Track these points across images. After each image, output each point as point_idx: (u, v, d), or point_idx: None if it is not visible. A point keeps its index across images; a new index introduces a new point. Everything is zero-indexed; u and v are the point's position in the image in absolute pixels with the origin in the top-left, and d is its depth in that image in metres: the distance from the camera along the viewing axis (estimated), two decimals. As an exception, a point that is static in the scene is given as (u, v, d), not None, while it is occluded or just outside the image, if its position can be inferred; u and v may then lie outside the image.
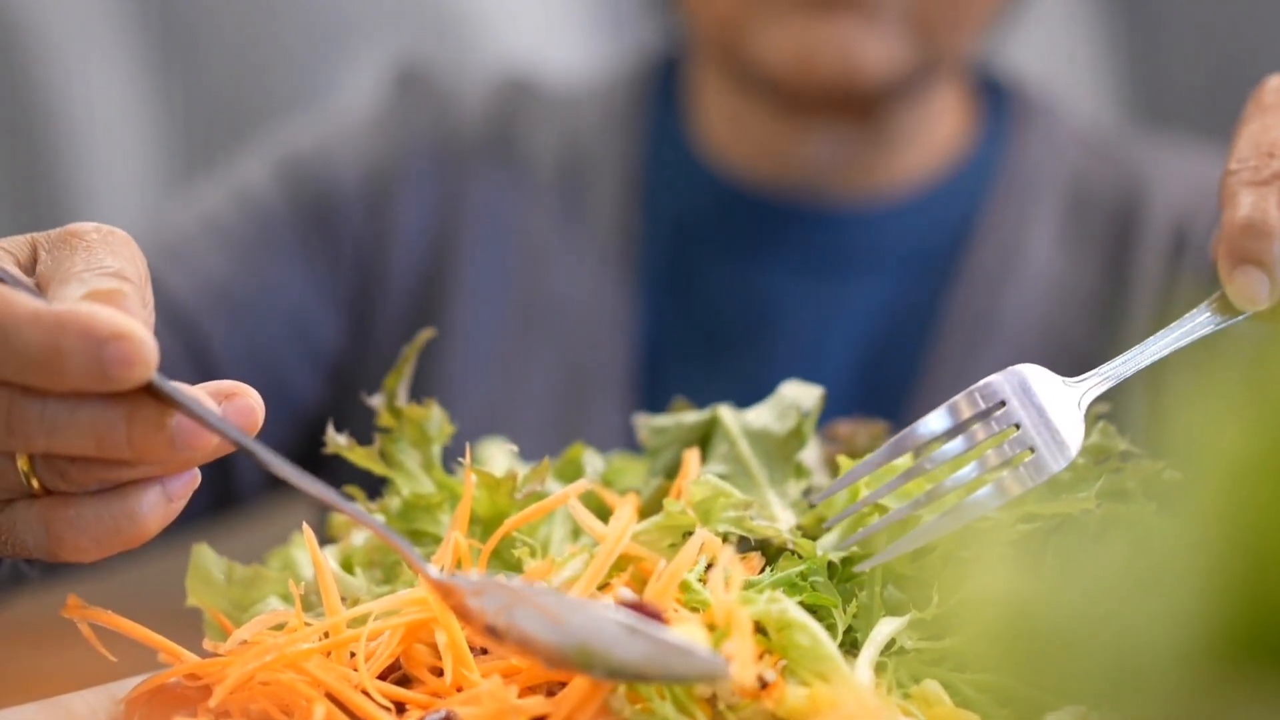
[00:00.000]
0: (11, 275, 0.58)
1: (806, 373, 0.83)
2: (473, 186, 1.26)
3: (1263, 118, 0.69)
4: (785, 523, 0.70)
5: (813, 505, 0.71)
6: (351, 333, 1.24)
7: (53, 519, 0.59)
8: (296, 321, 1.22)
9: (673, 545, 0.67)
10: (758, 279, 1.24)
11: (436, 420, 0.74)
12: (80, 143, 2.05)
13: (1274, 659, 0.39)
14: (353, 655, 0.62)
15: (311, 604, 0.67)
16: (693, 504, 0.68)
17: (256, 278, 1.21)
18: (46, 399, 0.56)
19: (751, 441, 0.74)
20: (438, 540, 0.71)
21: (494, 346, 1.23)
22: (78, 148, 2.05)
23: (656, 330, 1.24)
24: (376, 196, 1.25)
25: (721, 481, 0.69)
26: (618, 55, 1.44)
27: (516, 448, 0.79)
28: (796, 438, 0.74)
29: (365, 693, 0.61)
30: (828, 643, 0.60)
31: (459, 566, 0.66)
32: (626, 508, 0.68)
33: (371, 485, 0.75)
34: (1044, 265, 1.23)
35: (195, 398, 0.58)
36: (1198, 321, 0.69)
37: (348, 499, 0.62)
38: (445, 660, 0.61)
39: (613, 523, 0.67)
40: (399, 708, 0.61)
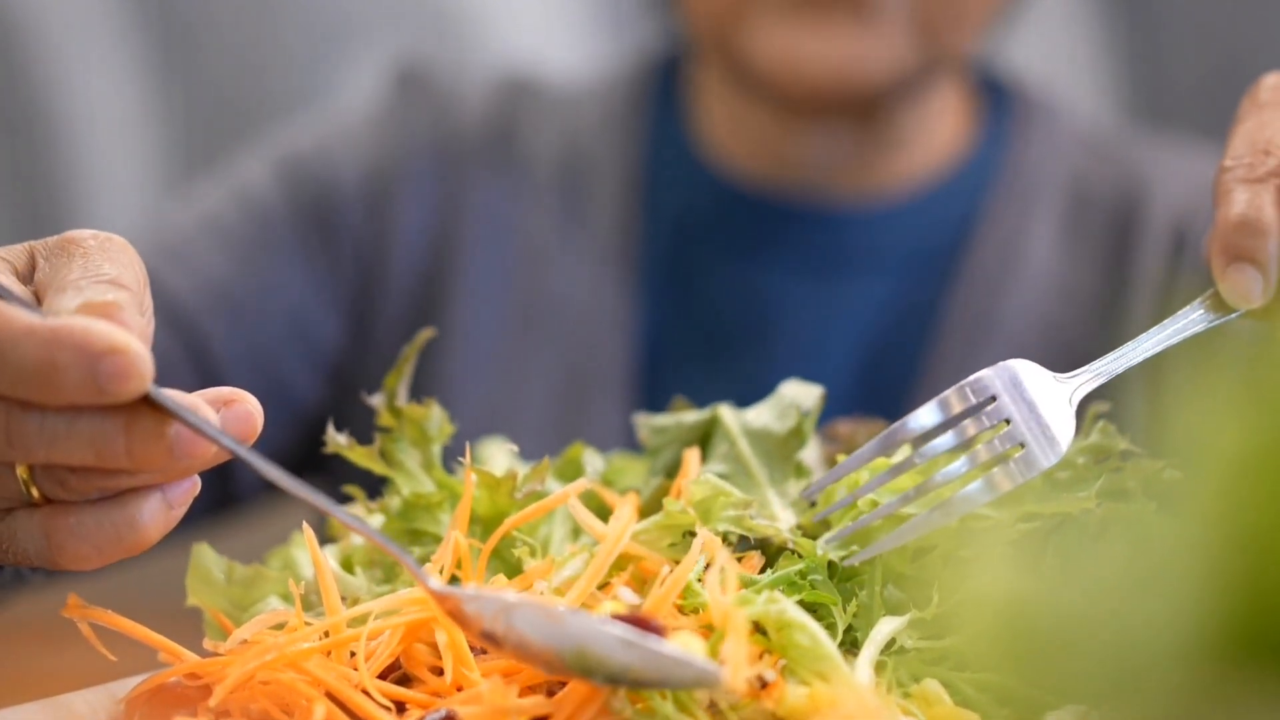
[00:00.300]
0: (6, 289, 0.57)
1: (807, 372, 0.83)
2: (473, 186, 1.26)
3: (1258, 115, 0.69)
4: (785, 522, 0.70)
5: (812, 504, 0.71)
6: (351, 332, 1.24)
7: (53, 527, 0.59)
8: (296, 321, 1.22)
9: (673, 544, 0.67)
10: (758, 279, 1.24)
11: (436, 420, 0.74)
12: (80, 143, 2.05)
13: (1274, 658, 0.39)
14: (353, 655, 0.62)
15: (311, 603, 0.67)
16: (693, 503, 0.68)
17: (256, 278, 1.21)
18: (45, 411, 0.56)
19: (752, 441, 0.74)
20: (438, 540, 0.71)
21: (494, 346, 1.23)
22: (77, 148, 2.05)
23: (656, 330, 1.24)
24: (376, 196, 1.25)
25: (721, 481, 0.69)
26: (618, 55, 1.44)
27: (516, 447, 0.79)
28: (797, 437, 0.74)
29: (365, 692, 0.61)
30: (827, 642, 0.60)
31: (459, 566, 0.66)
32: (626, 507, 0.68)
33: (372, 485, 0.75)
34: (1044, 265, 1.23)
35: (193, 406, 0.58)
36: (1191, 319, 0.68)
37: (345, 502, 0.62)
38: (445, 660, 0.61)
39: (613, 522, 0.67)
40: (399, 707, 0.61)
